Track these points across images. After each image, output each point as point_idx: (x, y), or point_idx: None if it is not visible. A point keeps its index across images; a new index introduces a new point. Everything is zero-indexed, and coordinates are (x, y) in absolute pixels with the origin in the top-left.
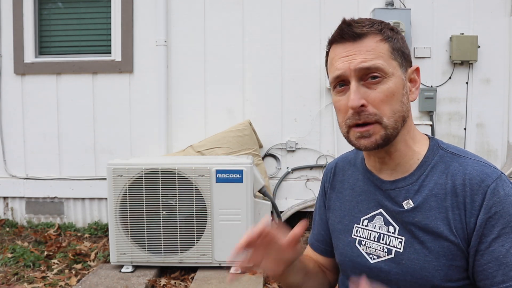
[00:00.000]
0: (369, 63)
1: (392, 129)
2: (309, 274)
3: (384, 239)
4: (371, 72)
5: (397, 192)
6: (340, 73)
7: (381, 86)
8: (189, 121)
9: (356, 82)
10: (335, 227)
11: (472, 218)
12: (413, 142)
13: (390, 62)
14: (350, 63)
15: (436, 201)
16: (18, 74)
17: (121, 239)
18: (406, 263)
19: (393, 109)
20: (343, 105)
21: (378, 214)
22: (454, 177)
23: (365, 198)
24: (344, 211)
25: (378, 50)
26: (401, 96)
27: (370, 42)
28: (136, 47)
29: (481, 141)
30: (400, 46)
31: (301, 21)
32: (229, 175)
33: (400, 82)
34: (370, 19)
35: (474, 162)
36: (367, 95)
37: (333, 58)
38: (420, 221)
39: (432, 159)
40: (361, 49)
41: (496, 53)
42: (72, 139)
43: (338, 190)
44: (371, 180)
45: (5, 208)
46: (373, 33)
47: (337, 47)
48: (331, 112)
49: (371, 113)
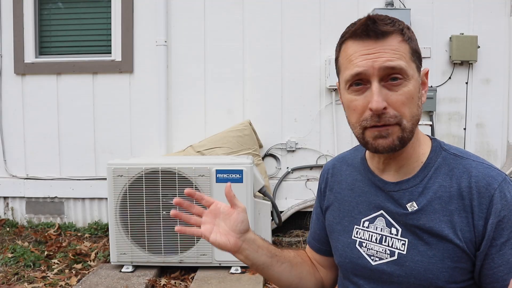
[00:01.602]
0: (395, 63)
1: (409, 132)
2: (279, 257)
3: (386, 241)
4: (394, 73)
5: (400, 194)
6: (361, 71)
7: (403, 89)
8: (189, 121)
9: (378, 83)
10: (334, 228)
11: (481, 221)
12: (418, 144)
13: (411, 64)
14: (374, 61)
15: (440, 203)
16: (18, 74)
17: (121, 239)
18: (409, 265)
19: (412, 112)
20: (360, 105)
21: (379, 215)
22: (459, 180)
23: (365, 199)
24: (343, 212)
25: (401, 51)
26: (417, 100)
27: (393, 41)
28: (136, 47)
29: (481, 141)
30: (417, 48)
31: (301, 21)
32: (229, 175)
33: (417, 85)
34: (390, 17)
35: (478, 164)
36: (388, 97)
37: (351, 55)
38: (424, 223)
39: (435, 160)
40: (385, 48)
41: (496, 53)
42: (72, 139)
43: (336, 191)
44: (372, 181)
45: (5, 208)
46: (396, 32)
47: (356, 43)
48: (331, 112)
49: (392, 116)
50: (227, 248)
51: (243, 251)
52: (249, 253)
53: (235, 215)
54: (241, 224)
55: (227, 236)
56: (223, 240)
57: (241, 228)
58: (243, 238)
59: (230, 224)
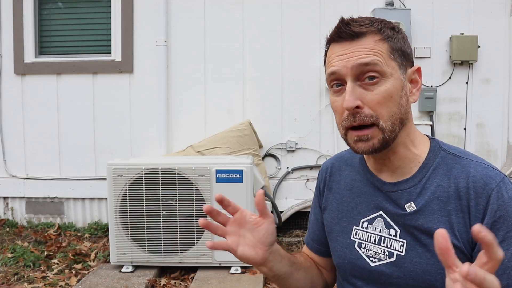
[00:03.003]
0: (368, 59)
1: (390, 132)
2: (297, 265)
3: (385, 242)
4: (368, 71)
5: (399, 195)
6: (335, 70)
7: (379, 88)
8: (189, 121)
9: (352, 82)
10: (332, 229)
11: (477, 222)
12: (413, 144)
13: (389, 62)
14: (347, 61)
15: (438, 204)
16: (18, 74)
17: (121, 239)
18: (408, 267)
19: (390, 111)
20: (339, 106)
21: (378, 216)
22: (457, 180)
23: (364, 199)
24: (342, 212)
25: (377, 49)
26: (399, 98)
27: (368, 41)
28: (136, 47)
29: (481, 141)
30: (400, 46)
31: (301, 21)
32: (229, 175)
33: (399, 83)
34: (370, 18)
35: (477, 164)
36: (363, 96)
37: (329, 56)
38: (422, 224)
39: (433, 161)
40: (359, 47)
41: (496, 53)
42: (72, 139)
43: (334, 191)
44: (371, 181)
45: (5, 208)
46: (372, 32)
47: (334, 46)
48: (331, 112)
49: (367, 115)
50: (255, 262)
51: (268, 263)
52: (273, 265)
53: (265, 226)
54: (271, 236)
55: (255, 249)
56: (251, 254)
57: (270, 241)
58: (270, 250)
59: (258, 236)
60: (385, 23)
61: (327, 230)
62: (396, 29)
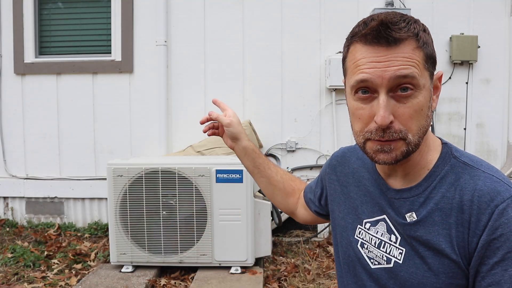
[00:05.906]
0: (407, 71)
1: (415, 146)
2: (261, 170)
3: (384, 246)
4: (404, 83)
5: (401, 203)
6: (367, 78)
7: (412, 100)
8: (189, 121)
9: (386, 95)
10: (338, 223)
11: (475, 238)
12: (427, 150)
13: (424, 73)
14: (383, 71)
15: (440, 216)
16: (18, 74)
17: (121, 239)
18: (404, 276)
19: (420, 125)
20: (366, 115)
21: (381, 220)
22: (463, 192)
23: (370, 200)
24: (347, 208)
25: (415, 59)
26: (427, 110)
27: (406, 49)
28: (136, 47)
29: (481, 141)
30: (432, 52)
31: (301, 21)
32: (229, 175)
33: (428, 94)
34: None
35: (487, 177)
36: (396, 109)
37: (359, 60)
38: (421, 236)
39: (442, 169)
40: (397, 56)
41: (496, 53)
42: (72, 139)
43: (342, 184)
44: (378, 183)
45: (5, 208)
46: (410, 38)
47: (365, 48)
48: (331, 112)
49: (397, 130)
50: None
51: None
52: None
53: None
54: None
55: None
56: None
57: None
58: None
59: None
60: (419, 24)
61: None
62: (427, 31)
